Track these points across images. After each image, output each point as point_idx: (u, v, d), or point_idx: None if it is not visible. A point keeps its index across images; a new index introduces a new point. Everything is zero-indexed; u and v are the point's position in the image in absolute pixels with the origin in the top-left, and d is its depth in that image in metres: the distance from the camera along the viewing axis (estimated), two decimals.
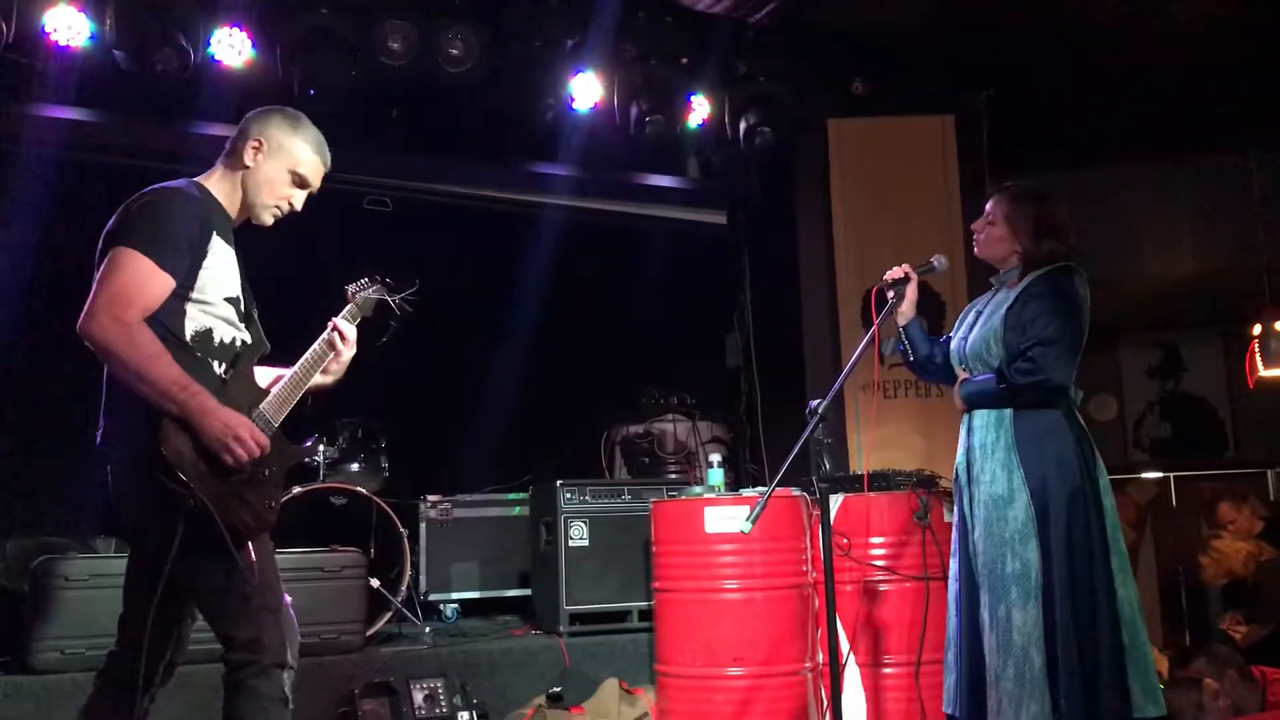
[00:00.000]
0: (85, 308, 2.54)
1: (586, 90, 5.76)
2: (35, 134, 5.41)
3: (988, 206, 3.53)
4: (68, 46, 4.90)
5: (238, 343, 2.78)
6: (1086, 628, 3.17)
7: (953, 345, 3.58)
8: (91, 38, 4.91)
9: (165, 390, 2.51)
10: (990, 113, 6.47)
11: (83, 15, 4.87)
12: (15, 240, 5.46)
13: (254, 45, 5.17)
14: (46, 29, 4.84)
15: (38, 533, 5.35)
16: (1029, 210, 3.44)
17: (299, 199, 2.92)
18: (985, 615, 3.31)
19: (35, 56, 4.98)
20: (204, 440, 2.54)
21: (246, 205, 2.87)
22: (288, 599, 2.77)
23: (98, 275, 2.58)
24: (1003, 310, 3.38)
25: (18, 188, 5.43)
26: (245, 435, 2.60)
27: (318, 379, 2.98)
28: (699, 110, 6.05)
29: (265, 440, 2.65)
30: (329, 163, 2.94)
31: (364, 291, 3.09)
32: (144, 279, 2.56)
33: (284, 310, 3.11)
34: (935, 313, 5.89)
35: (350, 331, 2.98)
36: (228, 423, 2.57)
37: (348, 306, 3.05)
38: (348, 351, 2.98)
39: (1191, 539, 7.32)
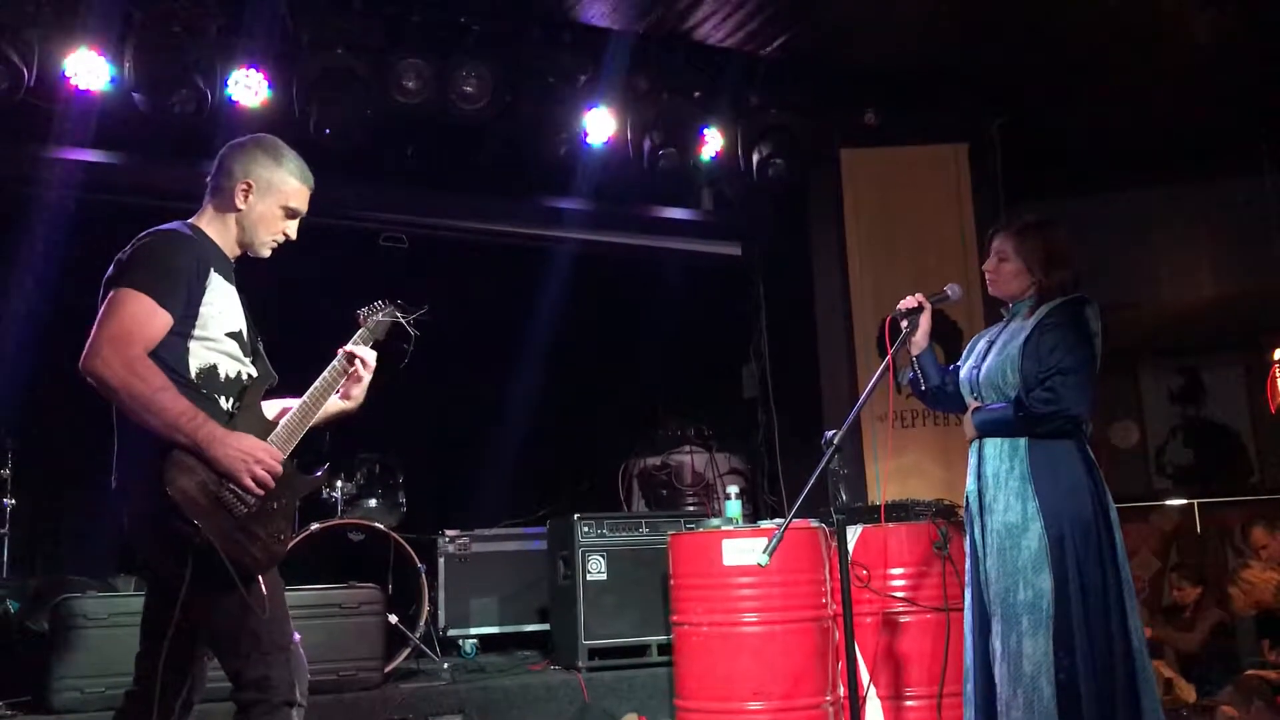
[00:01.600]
0: (87, 346, 2.56)
1: (600, 125, 5.80)
2: (55, 176, 5.49)
3: (994, 245, 3.53)
4: (88, 90, 4.97)
5: (243, 376, 2.80)
6: (1102, 660, 3.16)
7: (962, 374, 3.57)
8: (111, 81, 4.99)
9: (173, 421, 2.52)
10: (1004, 140, 6.47)
11: (103, 59, 4.95)
12: (35, 281, 5.53)
13: (270, 85, 5.24)
14: (67, 73, 4.92)
15: (59, 571, 5.38)
16: (1036, 241, 3.45)
17: (293, 229, 2.94)
18: (997, 644, 3.29)
19: (56, 100, 5.06)
20: (218, 469, 2.55)
21: (244, 243, 2.89)
22: (297, 636, 2.76)
23: (98, 317, 2.61)
24: (1019, 340, 3.37)
25: (38, 229, 5.50)
26: (262, 455, 2.61)
27: (338, 405, 2.99)
28: (712, 143, 6.08)
29: (280, 456, 2.66)
30: (313, 183, 2.95)
31: (375, 315, 3.10)
32: (144, 316, 2.58)
33: (301, 347, 3.12)
34: (953, 341, 5.86)
35: (368, 355, 2.99)
36: (241, 447, 2.58)
37: (360, 331, 3.06)
38: (367, 374, 2.99)
39: (1217, 566, 7.24)
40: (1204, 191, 7.23)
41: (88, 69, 4.94)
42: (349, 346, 2.98)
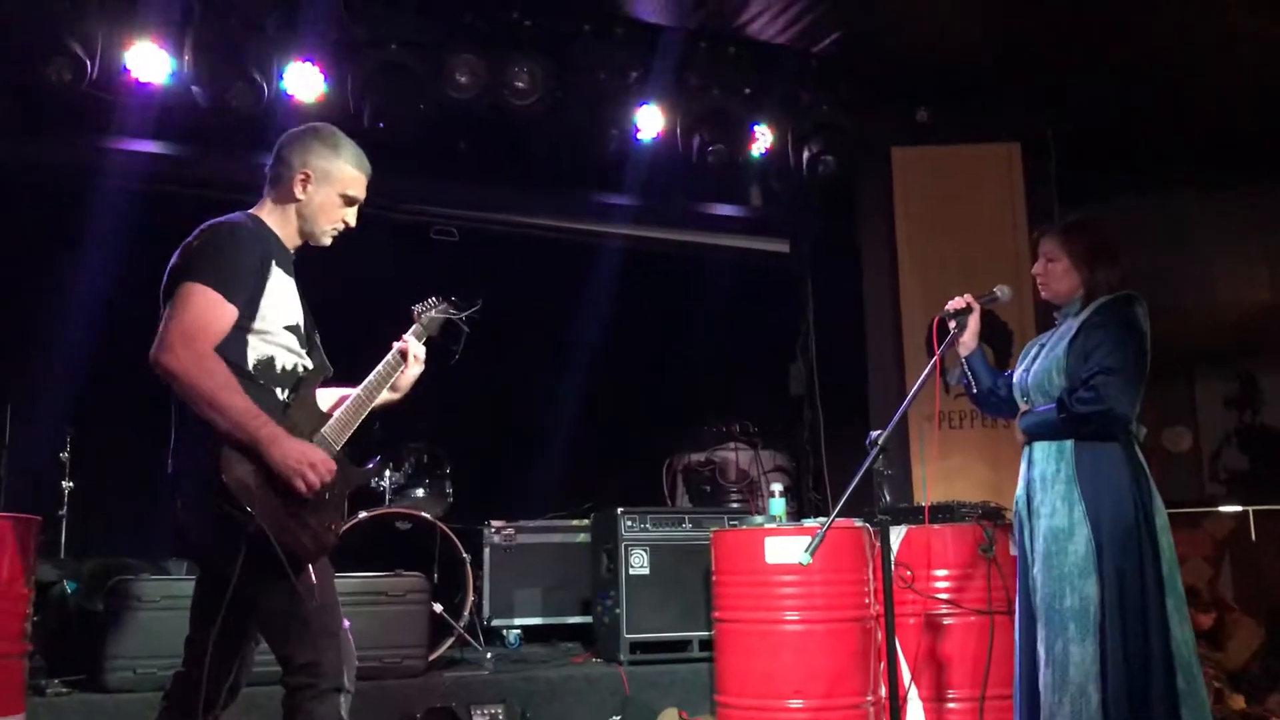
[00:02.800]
0: (157, 339, 2.61)
1: (650, 121, 5.81)
2: (116, 166, 5.60)
3: (1041, 247, 3.49)
4: (148, 83, 5.07)
5: (299, 369, 2.84)
6: (1138, 669, 3.10)
7: (1015, 378, 3.54)
8: (171, 74, 5.08)
9: (237, 419, 2.57)
10: (1058, 139, 6.39)
11: (163, 52, 5.04)
12: (96, 270, 5.64)
13: (326, 80, 5.31)
14: (128, 66, 5.02)
15: (113, 554, 5.49)
16: (1083, 240, 3.41)
17: (352, 216, 2.97)
18: (1042, 650, 3.26)
19: (117, 92, 5.16)
20: (274, 469, 2.59)
21: (304, 233, 2.92)
22: (346, 623, 2.80)
23: (167, 310, 2.66)
24: (1066, 341, 3.34)
25: (99, 220, 5.62)
26: (318, 462, 2.65)
27: (385, 395, 3.03)
28: (761, 139, 6.06)
29: (334, 467, 2.70)
30: (370, 170, 2.98)
31: (429, 311, 3.15)
32: (213, 311, 2.63)
33: (352, 338, 3.17)
34: (1003, 343, 5.81)
35: (419, 349, 3.04)
36: (300, 452, 2.63)
37: (414, 326, 3.11)
38: (416, 367, 3.04)
39: (1274, 575, 7.11)
40: (1262, 194, 7.09)
41: (148, 62, 5.03)
42: (402, 342, 3.02)
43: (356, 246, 3.08)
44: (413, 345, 3.03)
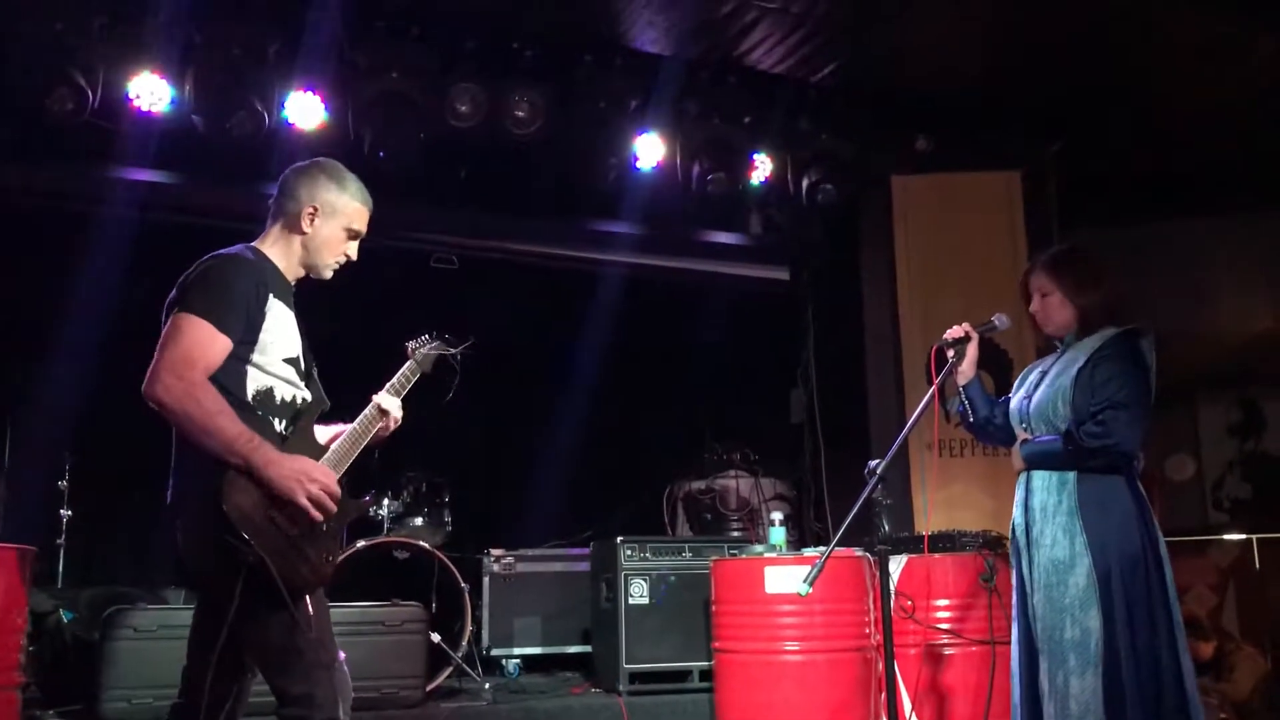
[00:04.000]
0: (149, 372, 2.61)
1: (650, 149, 5.83)
2: (117, 195, 5.62)
3: (1033, 284, 3.49)
4: (149, 112, 5.10)
5: (298, 400, 2.84)
6: (1151, 702, 3.08)
7: (1013, 405, 3.53)
8: (172, 103, 5.11)
9: (230, 444, 2.57)
10: (1058, 167, 6.40)
11: (164, 81, 5.07)
12: (95, 299, 5.65)
13: (326, 108, 5.33)
14: (130, 95, 5.05)
15: (112, 583, 5.46)
16: (1071, 269, 3.43)
17: (354, 249, 3.00)
18: (1044, 682, 3.23)
19: (119, 121, 5.18)
20: (273, 489, 2.59)
21: (307, 265, 2.94)
22: (341, 655, 2.79)
23: (160, 342, 2.66)
24: (1073, 370, 3.32)
25: (100, 247, 5.63)
26: (317, 474, 2.65)
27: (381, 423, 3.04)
28: (761, 168, 6.08)
29: (333, 478, 2.70)
30: (372, 205, 3.00)
31: (424, 348, 3.16)
32: (205, 342, 2.63)
33: (351, 365, 3.18)
34: (1003, 371, 5.79)
35: (392, 406, 3.04)
36: (295, 468, 2.62)
37: (408, 363, 3.12)
38: (393, 423, 3.04)
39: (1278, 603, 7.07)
40: (1263, 221, 7.10)
41: (149, 91, 5.06)
42: (379, 397, 3.02)
43: (356, 275, 3.08)
44: (385, 402, 3.03)
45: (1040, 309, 3.48)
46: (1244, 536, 7.88)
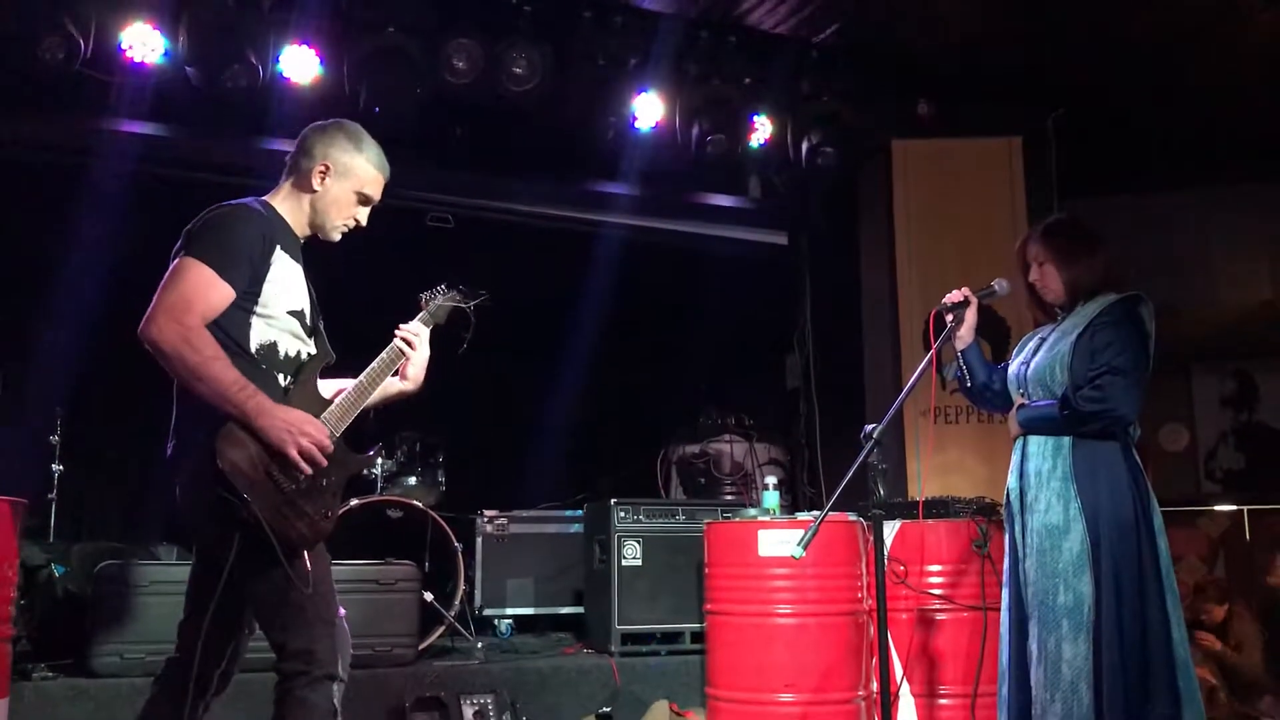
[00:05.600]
0: (147, 313, 2.59)
1: (648, 109, 5.76)
2: (110, 148, 5.55)
3: (1030, 254, 3.48)
4: (142, 63, 5.01)
5: (302, 355, 2.82)
6: (1136, 669, 3.08)
7: (1011, 370, 3.52)
8: (165, 54, 5.03)
9: (223, 391, 2.55)
10: (1059, 133, 6.36)
11: (158, 33, 4.99)
12: (90, 253, 5.60)
13: (322, 63, 5.26)
14: (123, 46, 4.96)
15: (104, 538, 5.46)
16: (1063, 238, 3.42)
17: (364, 215, 2.99)
18: (1034, 647, 3.24)
19: (111, 72, 5.11)
20: (264, 439, 2.57)
21: (315, 225, 2.93)
22: (342, 611, 2.79)
23: (160, 285, 2.64)
24: (1072, 336, 3.31)
25: (93, 201, 5.57)
26: (309, 428, 2.63)
27: (400, 386, 3.04)
28: (761, 130, 6.02)
29: (326, 433, 2.68)
30: (389, 173, 2.99)
31: (437, 299, 3.14)
32: (204, 286, 2.61)
33: (346, 325, 3.15)
34: (1001, 337, 5.79)
35: (421, 333, 3.01)
36: (288, 419, 2.61)
37: (420, 314, 3.10)
38: (419, 354, 3.02)
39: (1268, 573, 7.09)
40: (1263, 192, 7.07)
41: (142, 42, 4.98)
42: (403, 328, 3.00)
43: (351, 233, 3.05)
44: (414, 330, 3.02)
45: (1039, 278, 3.46)
46: (1236, 507, 7.90)
